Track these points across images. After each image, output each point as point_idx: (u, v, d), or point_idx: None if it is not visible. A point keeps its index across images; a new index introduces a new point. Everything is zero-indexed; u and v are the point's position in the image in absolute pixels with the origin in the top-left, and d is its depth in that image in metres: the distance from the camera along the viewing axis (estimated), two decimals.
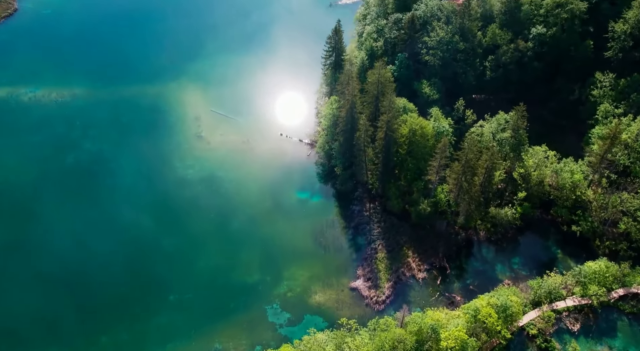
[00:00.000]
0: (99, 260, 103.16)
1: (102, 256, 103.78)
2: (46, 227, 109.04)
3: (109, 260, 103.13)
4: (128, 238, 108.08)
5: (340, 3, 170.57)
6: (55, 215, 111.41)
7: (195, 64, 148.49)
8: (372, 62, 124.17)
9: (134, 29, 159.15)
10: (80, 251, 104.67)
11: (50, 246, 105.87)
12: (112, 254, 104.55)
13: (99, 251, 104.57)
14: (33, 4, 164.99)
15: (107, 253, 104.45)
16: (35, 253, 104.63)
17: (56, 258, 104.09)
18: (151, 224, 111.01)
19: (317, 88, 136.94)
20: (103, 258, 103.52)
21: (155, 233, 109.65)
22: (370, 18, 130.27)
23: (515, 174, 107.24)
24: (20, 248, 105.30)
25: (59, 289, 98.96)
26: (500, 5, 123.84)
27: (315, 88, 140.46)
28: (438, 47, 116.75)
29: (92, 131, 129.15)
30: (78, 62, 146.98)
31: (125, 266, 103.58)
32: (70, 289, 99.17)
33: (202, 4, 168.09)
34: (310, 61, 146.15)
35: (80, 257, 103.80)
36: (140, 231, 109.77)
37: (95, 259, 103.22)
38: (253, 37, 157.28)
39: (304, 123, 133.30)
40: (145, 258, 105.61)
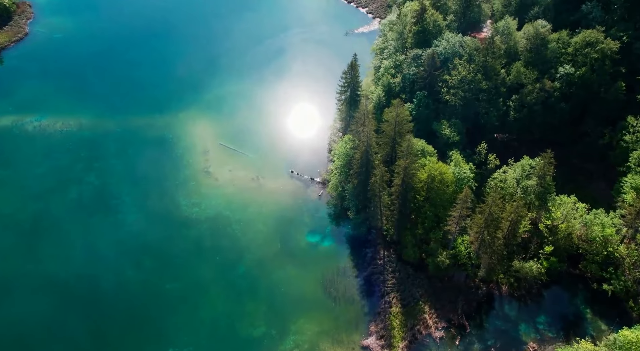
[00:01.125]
0: (91, 309, 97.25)
1: (96, 303, 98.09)
2: (44, 266, 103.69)
3: (104, 309, 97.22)
4: (128, 280, 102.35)
5: (356, 31, 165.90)
6: (53, 254, 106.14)
7: (206, 93, 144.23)
8: (389, 99, 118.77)
9: (146, 54, 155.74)
10: (74, 295, 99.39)
11: (46, 285, 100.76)
12: (109, 300, 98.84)
13: (93, 298, 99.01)
14: (44, 28, 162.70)
15: (103, 299, 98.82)
16: (30, 292, 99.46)
17: (50, 298, 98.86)
18: (153, 266, 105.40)
19: (331, 123, 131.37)
20: (97, 307, 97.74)
21: (157, 276, 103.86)
22: (388, 52, 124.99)
23: (542, 226, 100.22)
24: (15, 288, 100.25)
25: (54, 332, 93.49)
26: (525, 43, 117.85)
27: (328, 123, 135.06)
28: (459, 87, 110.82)
29: (97, 164, 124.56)
30: (87, 90, 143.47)
31: (123, 313, 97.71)
32: (62, 335, 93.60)
33: (216, 31, 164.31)
34: (324, 93, 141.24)
35: (74, 302, 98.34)
36: (141, 273, 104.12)
37: (87, 309, 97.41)
38: (266, 66, 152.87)
39: (316, 160, 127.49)
40: (144, 304, 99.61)
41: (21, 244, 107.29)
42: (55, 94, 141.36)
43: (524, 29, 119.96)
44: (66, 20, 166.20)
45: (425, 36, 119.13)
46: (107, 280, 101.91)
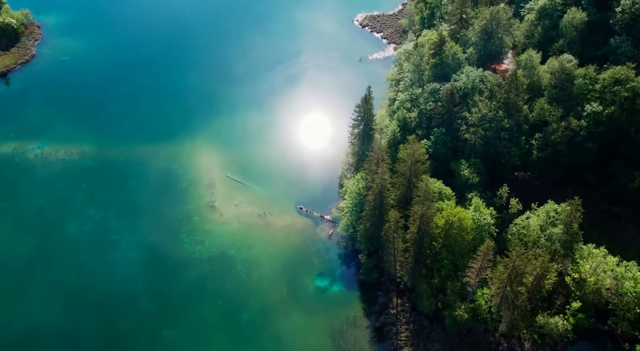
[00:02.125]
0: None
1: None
2: (32, 311, 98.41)
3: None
4: (124, 327, 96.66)
5: (370, 58, 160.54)
6: (48, 295, 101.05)
7: (214, 121, 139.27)
8: (405, 134, 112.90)
9: (154, 79, 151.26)
10: (67, 341, 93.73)
11: (39, 331, 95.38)
12: (103, 348, 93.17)
13: (87, 342, 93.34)
14: (52, 50, 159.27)
15: (96, 347, 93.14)
16: (12, 343, 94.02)
17: (43, 346, 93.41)
18: (151, 310, 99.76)
19: (343, 157, 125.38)
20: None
21: (155, 321, 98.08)
22: (403, 85, 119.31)
23: (568, 279, 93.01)
24: (7, 334, 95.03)
25: None
26: (549, 78, 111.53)
27: (340, 155, 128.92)
28: (479, 125, 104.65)
29: (98, 196, 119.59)
30: (91, 116, 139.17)
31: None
32: None
33: (226, 56, 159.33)
34: (336, 124, 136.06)
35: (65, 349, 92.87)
36: (139, 318, 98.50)
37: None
38: (277, 94, 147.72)
39: (326, 196, 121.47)
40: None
41: (10, 287, 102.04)
42: (59, 119, 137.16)
43: (548, 63, 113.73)
44: (74, 42, 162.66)
45: (443, 69, 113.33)
46: (101, 326, 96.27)
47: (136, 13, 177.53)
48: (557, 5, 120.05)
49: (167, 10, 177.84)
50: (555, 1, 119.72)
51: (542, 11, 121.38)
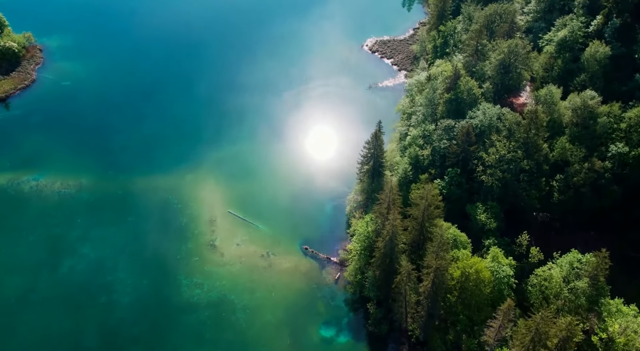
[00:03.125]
0: None
1: None
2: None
3: None
4: None
5: (380, 85, 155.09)
6: (37, 339, 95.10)
7: (217, 151, 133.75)
8: (417, 173, 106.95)
9: (157, 106, 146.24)
10: None
11: None
12: None
13: None
14: (53, 74, 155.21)
15: None
16: None
17: None
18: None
19: (351, 195, 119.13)
20: None
21: None
22: (416, 119, 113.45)
23: (595, 339, 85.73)
24: None
25: None
26: (571, 115, 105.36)
27: (348, 191, 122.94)
28: (497, 166, 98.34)
29: (93, 232, 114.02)
30: (90, 145, 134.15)
31: None
32: None
33: (233, 82, 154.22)
34: (343, 157, 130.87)
35: None
36: None
37: None
38: (283, 123, 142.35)
39: (333, 235, 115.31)
40: None
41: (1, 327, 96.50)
42: (57, 149, 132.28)
43: (570, 99, 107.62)
44: (76, 66, 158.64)
45: (458, 105, 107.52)
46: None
47: (142, 36, 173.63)
48: (578, 37, 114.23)
49: (173, 34, 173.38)
50: (576, 33, 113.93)
51: (562, 43, 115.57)
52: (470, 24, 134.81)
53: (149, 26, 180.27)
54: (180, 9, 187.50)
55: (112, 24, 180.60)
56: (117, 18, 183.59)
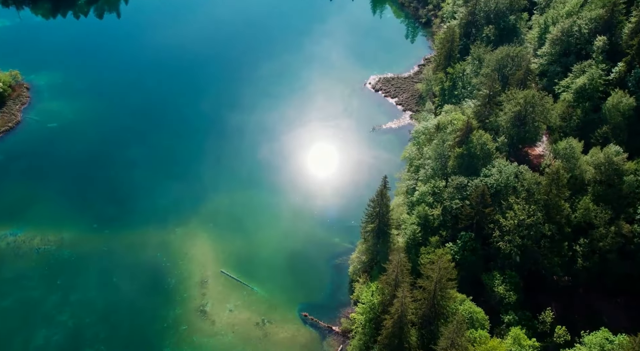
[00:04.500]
0: None
1: None
2: None
3: None
4: None
5: (384, 127, 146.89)
6: None
7: (210, 201, 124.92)
8: (426, 234, 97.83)
9: (148, 151, 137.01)
10: None
11: None
12: None
13: None
14: (39, 115, 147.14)
15: None
16: None
17: None
18: None
19: (354, 254, 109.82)
20: None
21: None
22: (424, 174, 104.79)
23: None
24: None
25: None
26: (594, 172, 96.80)
27: (350, 247, 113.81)
28: (516, 232, 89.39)
29: (74, 296, 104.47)
30: (76, 194, 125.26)
31: None
32: None
33: (226, 125, 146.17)
34: (346, 208, 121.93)
35: None
36: None
37: None
38: (281, 170, 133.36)
39: (335, 299, 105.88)
40: None
41: None
42: (39, 198, 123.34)
43: (592, 154, 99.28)
44: (64, 106, 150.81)
45: (470, 160, 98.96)
46: None
47: (135, 70, 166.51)
48: (598, 85, 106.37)
49: (169, 73, 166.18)
50: (596, 81, 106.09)
51: (581, 92, 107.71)
52: (480, 67, 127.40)
53: (142, 60, 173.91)
54: (175, 42, 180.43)
55: (105, 57, 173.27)
56: (110, 52, 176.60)
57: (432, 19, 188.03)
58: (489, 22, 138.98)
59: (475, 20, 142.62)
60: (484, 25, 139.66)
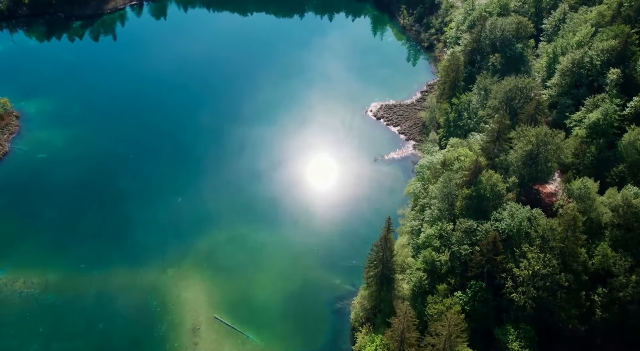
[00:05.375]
0: None
1: None
2: None
3: None
4: None
5: (387, 158, 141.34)
6: None
7: (205, 238, 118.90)
8: (433, 281, 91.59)
9: (139, 184, 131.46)
10: None
11: None
12: None
13: None
14: (27, 145, 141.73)
15: None
16: None
17: None
18: None
19: (356, 299, 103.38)
20: None
21: None
22: (430, 215, 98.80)
23: None
24: None
25: None
26: (611, 216, 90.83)
27: (352, 290, 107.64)
28: (531, 282, 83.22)
29: (56, 345, 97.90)
30: (63, 230, 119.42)
31: None
32: None
33: (222, 155, 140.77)
34: (348, 246, 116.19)
35: None
36: None
37: None
38: (280, 204, 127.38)
39: (336, 349, 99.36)
40: None
41: None
42: (25, 236, 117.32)
43: (608, 195, 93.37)
44: (54, 135, 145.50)
45: (480, 202, 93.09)
46: None
47: (130, 99, 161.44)
48: (612, 121, 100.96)
49: (164, 99, 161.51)
50: (611, 117, 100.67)
51: (595, 127, 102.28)
52: (487, 98, 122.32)
53: (138, 84, 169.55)
54: (171, 66, 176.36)
55: (98, 82, 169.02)
56: (104, 76, 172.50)
57: (434, 44, 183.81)
58: (495, 49, 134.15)
59: (480, 48, 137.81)
60: (489, 53, 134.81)
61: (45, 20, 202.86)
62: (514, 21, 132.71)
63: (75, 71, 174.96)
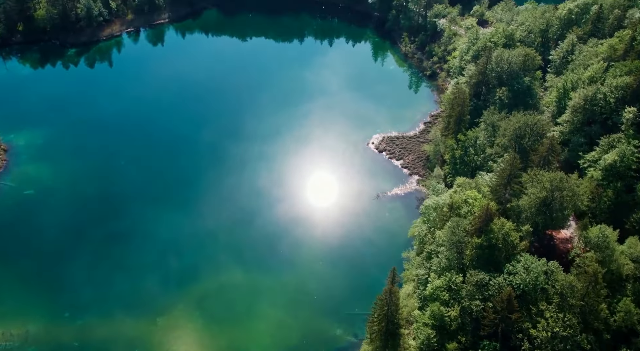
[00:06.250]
0: None
1: None
2: None
3: None
4: None
5: (389, 194, 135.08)
6: None
7: (198, 283, 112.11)
8: (443, 339, 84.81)
9: (130, 222, 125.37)
10: None
11: None
12: None
13: None
14: (15, 180, 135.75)
15: None
16: None
17: None
18: None
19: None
20: None
21: None
22: (438, 263, 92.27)
23: None
24: None
25: None
26: (633, 268, 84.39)
27: (354, 341, 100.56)
28: (550, 345, 76.41)
29: None
30: (47, 274, 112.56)
31: None
32: None
33: (217, 191, 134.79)
34: (349, 290, 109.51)
35: None
36: None
37: None
38: (277, 246, 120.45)
39: None
40: None
41: None
42: (5, 283, 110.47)
43: (629, 244, 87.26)
44: (44, 169, 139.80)
45: (491, 253, 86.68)
46: None
47: (124, 131, 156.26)
48: (630, 163, 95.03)
49: (159, 131, 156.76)
50: (628, 159, 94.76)
51: (611, 169, 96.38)
52: (494, 134, 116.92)
53: (132, 114, 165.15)
54: (167, 96, 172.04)
55: (92, 111, 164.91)
56: (98, 104, 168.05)
57: (437, 72, 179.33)
58: (501, 82, 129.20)
59: (486, 80, 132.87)
60: (495, 85, 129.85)
61: (40, 47, 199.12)
62: (521, 53, 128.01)
63: (69, 100, 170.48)
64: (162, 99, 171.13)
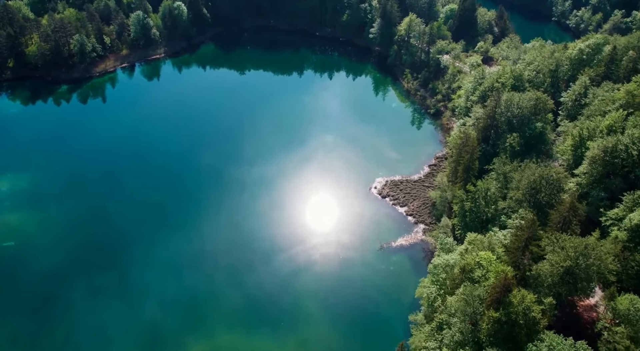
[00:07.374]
0: None
1: None
2: None
3: None
4: None
5: (394, 244, 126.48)
6: None
7: (194, 340, 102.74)
8: None
9: (119, 275, 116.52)
10: None
11: None
12: None
13: None
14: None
15: None
16: None
17: None
18: None
19: None
20: None
21: None
22: (450, 337, 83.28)
23: None
24: None
25: None
26: None
27: None
28: None
29: None
30: (26, 335, 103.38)
31: None
32: None
33: (211, 243, 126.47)
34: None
35: None
36: None
37: None
38: (275, 302, 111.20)
39: None
40: None
41: None
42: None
43: None
44: (26, 218, 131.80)
45: (511, 329, 77.85)
46: None
47: (117, 172, 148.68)
48: None
49: (151, 173, 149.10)
50: None
51: (638, 231, 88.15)
52: (506, 185, 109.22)
53: (124, 153, 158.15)
54: (161, 134, 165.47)
55: (81, 151, 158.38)
56: (88, 143, 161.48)
57: (441, 111, 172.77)
58: (512, 127, 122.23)
59: (495, 124, 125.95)
60: (505, 131, 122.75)
61: (31, 84, 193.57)
62: (532, 97, 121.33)
63: (59, 139, 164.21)
64: (158, 136, 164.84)
